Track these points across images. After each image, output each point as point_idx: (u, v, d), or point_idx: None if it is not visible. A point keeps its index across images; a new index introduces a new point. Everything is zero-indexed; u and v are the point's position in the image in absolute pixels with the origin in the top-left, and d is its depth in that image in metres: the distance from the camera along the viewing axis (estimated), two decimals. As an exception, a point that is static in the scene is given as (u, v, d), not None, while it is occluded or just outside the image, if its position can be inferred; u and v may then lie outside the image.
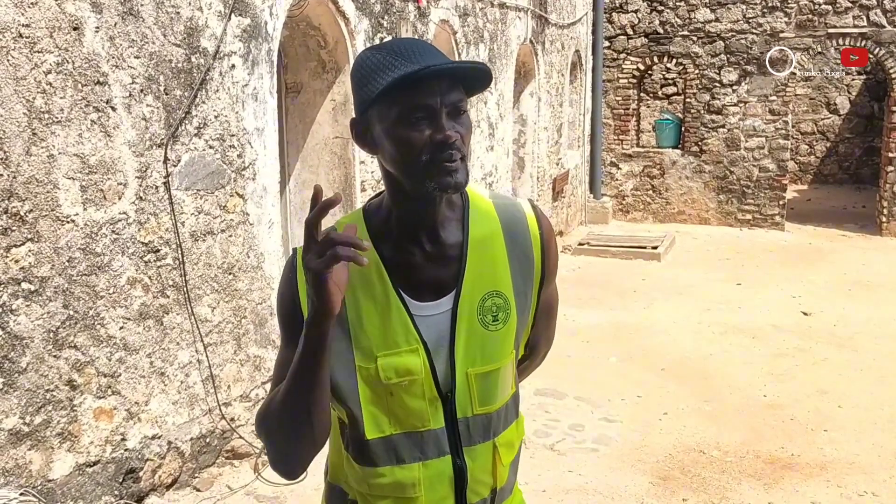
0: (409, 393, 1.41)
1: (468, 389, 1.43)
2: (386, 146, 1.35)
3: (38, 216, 2.97)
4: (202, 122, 3.74)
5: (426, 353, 1.41)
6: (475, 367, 1.43)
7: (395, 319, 1.40)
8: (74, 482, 3.20)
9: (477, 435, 1.46)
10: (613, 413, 4.88)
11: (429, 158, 1.31)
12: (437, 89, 1.31)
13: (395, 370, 1.39)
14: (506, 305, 1.45)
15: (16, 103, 2.86)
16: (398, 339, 1.40)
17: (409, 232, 1.42)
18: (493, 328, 1.44)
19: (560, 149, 10.06)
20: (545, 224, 1.52)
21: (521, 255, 1.48)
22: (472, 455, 1.46)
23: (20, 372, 2.95)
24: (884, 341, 6.18)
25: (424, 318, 1.42)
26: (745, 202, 10.89)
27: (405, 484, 1.44)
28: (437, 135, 1.31)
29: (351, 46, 4.95)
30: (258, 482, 3.92)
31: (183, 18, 3.59)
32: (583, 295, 7.39)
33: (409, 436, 1.43)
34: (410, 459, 1.44)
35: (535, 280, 1.50)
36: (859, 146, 14.56)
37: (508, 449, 1.51)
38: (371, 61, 1.35)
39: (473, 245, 1.44)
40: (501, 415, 1.49)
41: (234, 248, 4.01)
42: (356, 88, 1.37)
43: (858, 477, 4.08)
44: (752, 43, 10.54)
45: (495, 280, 1.45)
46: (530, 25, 8.32)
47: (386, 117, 1.33)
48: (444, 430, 1.44)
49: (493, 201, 1.51)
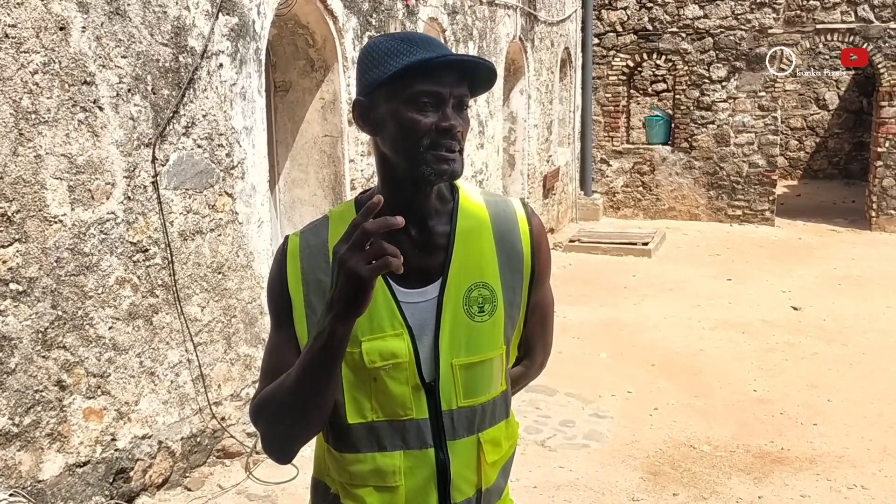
0: (393, 378, 1.42)
1: (452, 380, 1.44)
2: (389, 127, 1.38)
3: (25, 216, 2.96)
4: (190, 122, 3.74)
5: (411, 338, 1.42)
6: (460, 358, 1.44)
7: (381, 304, 1.42)
8: (64, 483, 3.19)
9: (461, 428, 1.46)
10: (604, 409, 4.89)
11: (430, 143, 1.36)
12: (447, 80, 1.36)
13: (379, 354, 1.41)
14: (492, 297, 1.46)
15: (2, 104, 2.85)
16: (383, 323, 1.41)
17: None
18: (478, 319, 1.45)
19: (550, 146, 10.08)
20: (535, 222, 1.54)
21: (510, 249, 1.49)
22: (455, 449, 1.45)
23: (9, 373, 2.94)
24: (873, 335, 6.21)
25: (409, 304, 1.43)
26: (735, 198, 10.92)
27: (386, 471, 1.44)
28: (442, 122, 1.36)
29: (339, 45, 4.95)
30: (249, 481, 3.92)
31: (170, 18, 3.58)
32: (574, 292, 7.41)
33: (392, 424, 1.43)
34: (392, 447, 1.44)
35: (524, 276, 1.51)
36: (848, 141, 14.62)
37: (494, 447, 1.50)
38: (385, 46, 1.39)
39: (461, 235, 1.46)
40: (488, 410, 1.49)
41: (224, 248, 4.01)
42: (365, 70, 1.41)
43: (848, 470, 4.10)
44: (741, 39, 10.57)
45: (482, 271, 1.46)
46: (519, 23, 8.33)
47: (394, 98, 1.37)
48: (427, 422, 1.44)
49: (484, 197, 1.54)
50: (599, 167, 11.58)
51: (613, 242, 9.39)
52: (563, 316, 6.61)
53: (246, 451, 4.06)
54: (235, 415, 4.13)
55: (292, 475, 3.91)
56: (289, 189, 5.29)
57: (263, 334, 4.29)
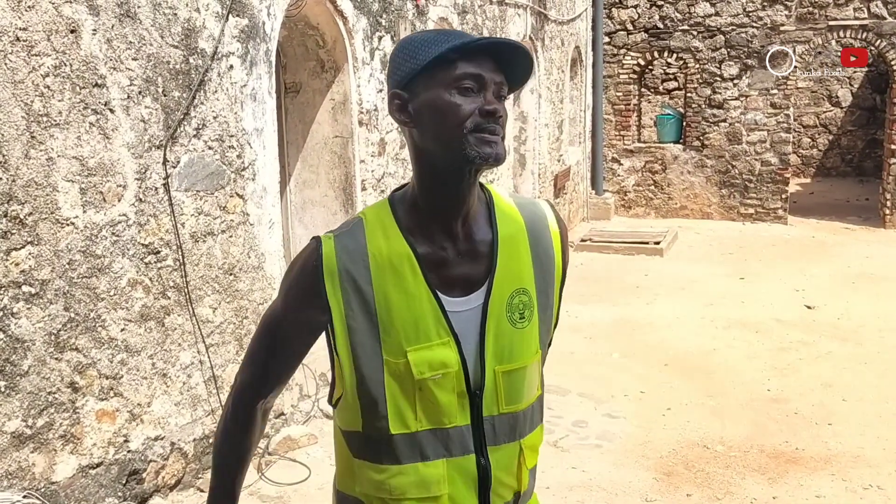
0: (441, 387, 1.40)
1: (495, 387, 1.43)
2: (429, 114, 1.36)
3: (37, 219, 2.97)
4: (201, 123, 3.74)
5: (458, 346, 1.41)
6: (503, 365, 1.43)
7: (428, 313, 1.39)
8: (78, 484, 3.20)
9: (503, 434, 1.45)
10: (617, 409, 4.87)
11: (473, 126, 1.33)
12: (487, 66, 1.35)
13: (428, 364, 1.39)
14: (530, 303, 1.46)
15: (14, 107, 2.86)
16: (430, 332, 1.39)
17: (441, 223, 1.41)
18: (520, 326, 1.45)
19: (561, 145, 10.05)
20: (563, 225, 1.55)
21: (543, 254, 1.49)
22: (496, 455, 1.45)
23: (22, 375, 2.95)
24: (888, 334, 6.16)
25: (454, 313, 1.41)
26: (748, 196, 10.86)
27: (430, 481, 1.42)
28: (486, 105, 1.34)
29: (349, 45, 4.95)
30: (262, 482, 3.92)
31: (180, 20, 3.59)
32: (585, 291, 7.38)
33: (435, 432, 1.42)
34: (435, 456, 1.42)
35: (556, 279, 1.51)
36: (862, 139, 14.52)
37: (533, 452, 1.51)
38: (419, 39, 1.39)
39: (503, 242, 1.44)
40: (528, 416, 1.49)
41: (235, 249, 4.01)
42: (400, 63, 1.39)
43: (863, 470, 4.07)
44: (753, 37, 10.52)
45: (521, 278, 1.45)
46: (529, 22, 8.31)
47: (434, 86, 1.35)
48: (469, 428, 1.43)
49: (515, 201, 1.52)
50: (610, 166, 11.54)
51: (625, 242, 9.35)
52: (575, 316, 6.58)
53: (258, 453, 4.07)
54: (247, 416, 4.13)
55: (305, 476, 3.91)
56: (300, 190, 5.29)
57: (275, 335, 4.29)
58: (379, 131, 5.29)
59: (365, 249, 1.41)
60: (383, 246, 1.40)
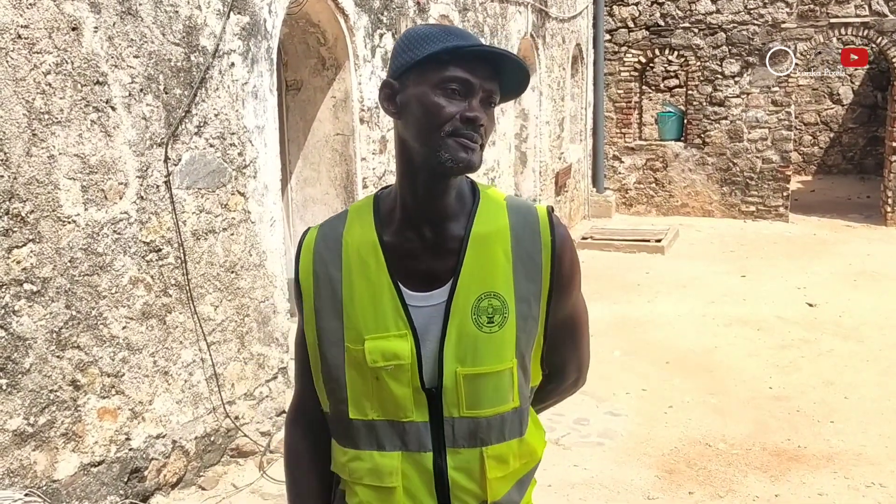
0: (395, 379, 1.39)
1: (456, 389, 1.40)
2: (413, 110, 1.36)
3: (39, 217, 2.97)
4: (202, 121, 3.74)
5: (414, 340, 1.39)
6: (465, 367, 1.39)
7: (387, 303, 1.40)
8: (79, 482, 3.20)
9: (462, 438, 1.41)
10: (618, 407, 4.87)
11: (451, 130, 1.33)
12: (479, 71, 1.35)
13: (381, 353, 1.39)
14: (503, 308, 1.40)
15: (15, 104, 2.85)
16: (388, 322, 1.39)
17: (413, 218, 1.41)
18: (486, 330, 1.39)
19: (562, 143, 10.04)
20: (560, 232, 1.46)
21: (527, 258, 1.43)
22: (455, 458, 1.42)
23: (23, 373, 2.95)
24: (890, 332, 6.16)
25: (414, 307, 1.40)
26: (749, 194, 10.86)
27: (383, 472, 1.42)
28: (467, 112, 1.33)
29: (350, 43, 4.94)
30: (263, 480, 3.92)
31: (182, 17, 3.58)
32: (586, 289, 7.28)
33: (392, 424, 1.42)
34: (392, 447, 1.42)
35: (543, 288, 1.44)
36: (863, 136, 14.51)
37: (499, 463, 1.44)
38: (423, 31, 1.38)
39: (475, 240, 1.41)
40: (494, 425, 1.43)
41: (236, 247, 4.01)
42: (400, 52, 1.39)
43: (865, 468, 4.06)
44: (754, 34, 10.51)
45: (494, 281, 1.40)
46: (531, 19, 8.30)
47: (423, 82, 1.35)
48: (427, 426, 1.41)
49: (507, 202, 1.48)
50: (612, 164, 11.54)
51: (626, 239, 9.35)
52: (577, 313, 6.57)
53: (260, 451, 4.06)
54: (249, 414, 4.13)
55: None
56: (301, 188, 5.29)
57: (276, 333, 4.29)
58: (380, 129, 5.28)
59: (340, 238, 1.44)
60: (357, 234, 1.43)
